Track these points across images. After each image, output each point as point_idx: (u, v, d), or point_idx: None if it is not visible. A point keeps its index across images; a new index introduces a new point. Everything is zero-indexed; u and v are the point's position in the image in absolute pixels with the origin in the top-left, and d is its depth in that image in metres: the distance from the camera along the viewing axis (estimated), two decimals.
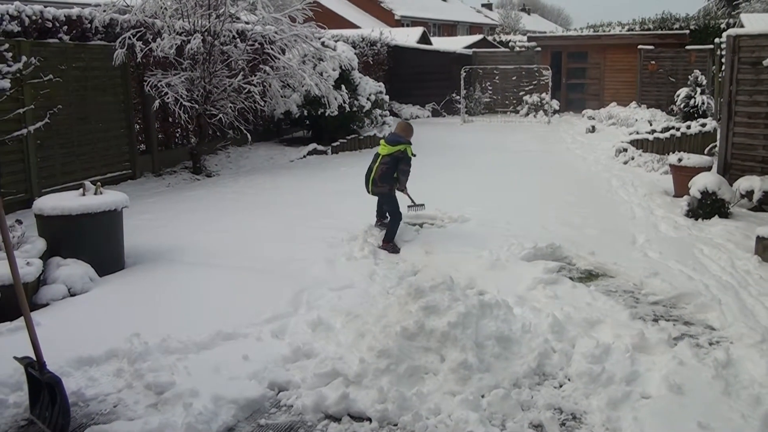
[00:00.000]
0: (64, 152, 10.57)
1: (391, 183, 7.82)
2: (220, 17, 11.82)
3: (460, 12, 62.95)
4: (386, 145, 7.80)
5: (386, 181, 7.78)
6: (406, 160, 7.76)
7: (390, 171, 7.76)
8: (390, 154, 7.75)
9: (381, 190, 7.82)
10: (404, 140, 7.81)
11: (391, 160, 7.74)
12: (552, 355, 4.73)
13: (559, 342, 4.93)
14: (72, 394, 4.45)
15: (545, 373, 4.60)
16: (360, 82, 16.47)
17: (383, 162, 7.76)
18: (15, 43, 9.60)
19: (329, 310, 5.58)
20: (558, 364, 4.66)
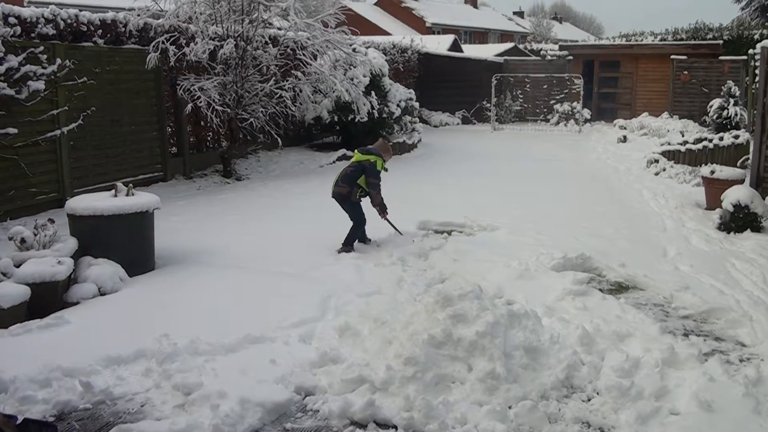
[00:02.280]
0: (97, 153, 10.72)
1: (352, 187, 7.76)
2: (253, 23, 11.91)
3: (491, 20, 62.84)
4: (358, 153, 7.86)
5: (347, 183, 7.76)
6: (373, 172, 7.72)
7: (353, 175, 7.76)
8: (359, 162, 7.80)
9: (341, 190, 7.78)
10: (376, 152, 7.85)
11: (358, 167, 7.78)
12: (581, 368, 4.68)
13: (588, 354, 4.87)
14: (100, 392, 4.52)
15: (573, 385, 4.55)
16: (390, 88, 16.50)
17: (350, 166, 7.86)
18: (50, 46, 9.76)
19: (357, 316, 5.57)
20: (587, 377, 4.61)
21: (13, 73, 9.07)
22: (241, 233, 8.58)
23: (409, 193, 10.59)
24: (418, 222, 8.96)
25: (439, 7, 57.12)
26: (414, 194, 10.91)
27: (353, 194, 7.79)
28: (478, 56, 26.78)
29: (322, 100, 14.87)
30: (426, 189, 11.67)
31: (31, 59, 9.37)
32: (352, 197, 7.80)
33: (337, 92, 13.27)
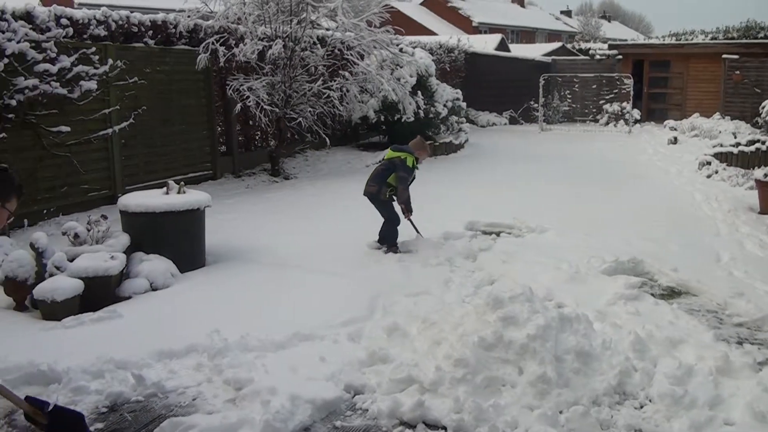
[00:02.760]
0: (148, 152, 10.92)
1: (381, 185, 7.75)
2: (301, 23, 12.00)
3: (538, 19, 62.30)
4: (390, 152, 7.85)
5: (376, 182, 7.76)
6: (402, 167, 7.66)
7: (384, 173, 7.75)
8: (390, 159, 7.78)
9: (371, 189, 7.80)
10: (408, 149, 7.80)
11: (388, 164, 7.76)
12: (633, 374, 4.58)
13: (640, 361, 4.77)
14: (152, 384, 4.60)
15: (626, 392, 4.46)
16: (437, 88, 16.45)
17: (380, 164, 7.89)
18: (102, 46, 9.97)
19: (405, 316, 5.57)
20: (639, 384, 4.52)
21: (66, 73, 9.27)
22: (289, 232, 8.65)
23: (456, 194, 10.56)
24: (465, 222, 8.91)
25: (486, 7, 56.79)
26: (461, 195, 10.86)
27: (382, 192, 7.77)
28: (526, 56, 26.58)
29: (369, 99, 14.90)
30: (473, 189, 11.60)
31: (83, 60, 9.57)
32: (381, 195, 7.79)
33: (383, 92, 13.29)
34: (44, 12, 9.36)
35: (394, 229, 7.81)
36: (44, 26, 9.24)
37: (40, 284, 5.93)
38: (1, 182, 3.50)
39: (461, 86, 20.68)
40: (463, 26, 49.88)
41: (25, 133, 8.93)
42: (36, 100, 8.90)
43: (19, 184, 3.64)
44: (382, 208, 7.86)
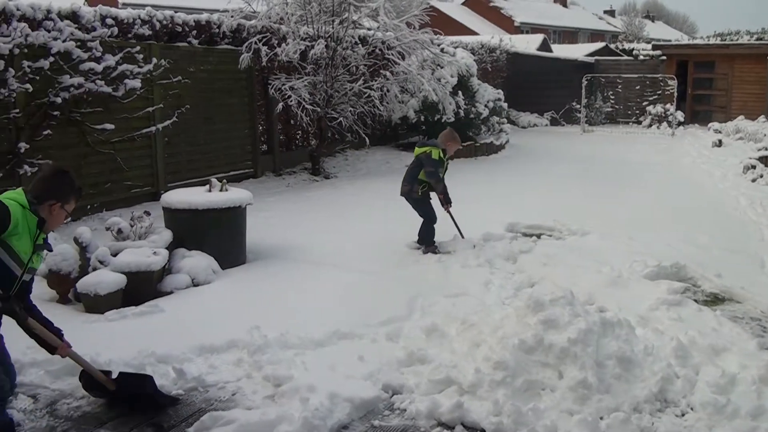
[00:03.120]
0: (190, 150, 11.06)
1: (413, 183, 7.77)
2: (343, 23, 12.04)
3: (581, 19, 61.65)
4: (416, 149, 7.86)
5: (408, 181, 7.80)
6: (429, 162, 7.63)
7: (413, 171, 7.78)
8: (417, 156, 7.79)
9: (404, 189, 7.85)
10: (432, 143, 7.79)
11: (416, 161, 7.78)
12: (675, 381, 4.50)
13: (682, 368, 4.67)
14: (193, 379, 4.66)
15: (667, 399, 4.38)
16: (478, 88, 16.38)
17: (412, 163, 7.91)
18: (146, 46, 10.14)
19: (444, 317, 5.55)
20: (681, 391, 4.43)
21: (111, 71, 9.44)
22: (329, 230, 8.69)
23: (496, 195, 10.51)
24: (506, 224, 8.85)
25: (528, 6, 56.38)
26: (501, 196, 10.80)
27: (414, 190, 7.79)
28: (568, 56, 26.30)
29: (409, 99, 14.89)
30: (514, 191, 11.53)
31: (128, 58, 9.74)
32: (414, 193, 7.80)
33: (424, 92, 13.27)
34: (90, 12, 9.54)
35: (431, 228, 7.79)
36: (90, 26, 9.42)
37: (84, 278, 6.06)
38: (64, 184, 3.66)
39: (503, 86, 20.57)
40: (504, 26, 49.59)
41: (70, 130, 9.12)
42: (81, 98, 9.08)
43: (79, 186, 3.75)
44: (418, 207, 7.86)
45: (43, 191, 3.63)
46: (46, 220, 3.65)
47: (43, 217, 3.64)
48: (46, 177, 3.70)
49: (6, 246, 3.51)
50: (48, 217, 3.66)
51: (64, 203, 3.72)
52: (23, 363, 4.79)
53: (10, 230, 3.47)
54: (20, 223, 3.50)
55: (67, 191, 3.72)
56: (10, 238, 3.50)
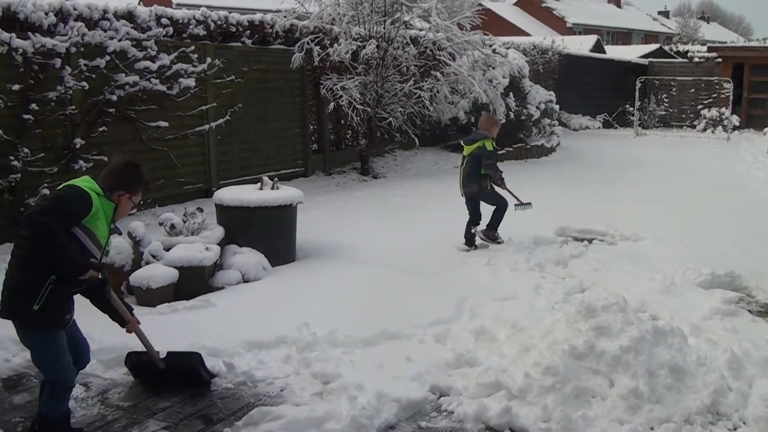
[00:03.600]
0: (242, 148, 11.20)
1: (479, 181, 7.73)
2: (395, 23, 12.05)
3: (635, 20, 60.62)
4: (465, 146, 7.80)
5: (473, 180, 7.73)
6: (486, 155, 7.61)
7: (475, 170, 7.70)
8: (471, 154, 7.71)
9: (471, 189, 7.79)
10: (481, 136, 7.72)
11: (472, 159, 7.70)
12: (728, 394, 4.38)
13: (735, 380, 4.55)
14: (242, 373, 4.74)
15: (719, 412, 4.27)
16: (530, 90, 16.25)
17: (467, 162, 7.77)
18: (200, 45, 10.30)
19: (492, 320, 5.51)
20: (733, 405, 4.31)
21: (165, 70, 9.62)
22: (377, 230, 8.71)
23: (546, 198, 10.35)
24: (556, 228, 8.76)
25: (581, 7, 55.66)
26: (552, 199, 10.65)
27: (483, 187, 7.76)
28: (622, 58, 25.88)
29: (459, 100, 14.83)
30: (565, 194, 11.38)
31: (182, 58, 9.91)
32: (484, 190, 7.78)
33: (474, 93, 13.19)
34: (145, 12, 9.75)
35: (502, 214, 7.83)
36: (145, 25, 9.62)
37: (137, 271, 6.19)
38: (134, 176, 3.82)
39: (554, 88, 20.36)
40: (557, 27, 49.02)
41: (125, 127, 9.32)
42: (136, 96, 9.28)
43: (147, 180, 3.93)
44: (489, 199, 7.84)
45: (114, 182, 3.78)
46: (122, 209, 3.84)
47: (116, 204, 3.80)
48: (116, 168, 3.83)
49: (87, 230, 3.67)
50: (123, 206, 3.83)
51: (132, 194, 3.86)
52: None
53: (92, 215, 3.63)
54: (99, 208, 3.66)
55: (136, 183, 3.87)
56: (92, 222, 3.66)
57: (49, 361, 3.71)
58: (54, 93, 8.31)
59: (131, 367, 4.69)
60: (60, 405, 3.77)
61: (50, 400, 3.73)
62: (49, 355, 3.69)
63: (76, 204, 3.57)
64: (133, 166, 3.89)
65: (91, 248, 3.71)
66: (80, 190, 3.61)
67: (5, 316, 3.68)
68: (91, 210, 3.62)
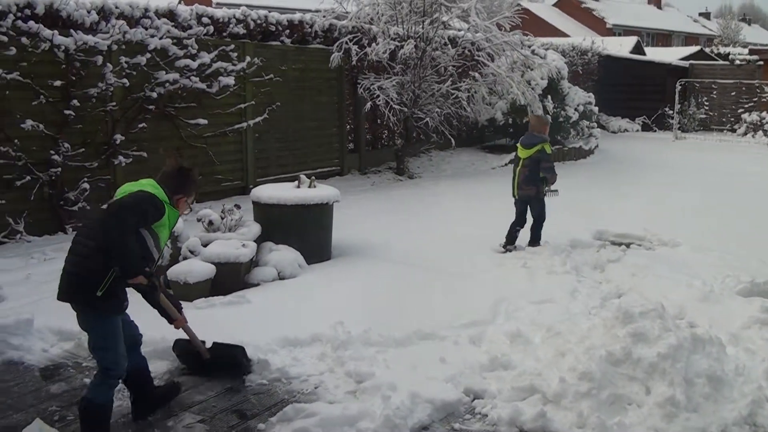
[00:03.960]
0: (280, 146, 11.29)
1: (538, 184, 7.71)
2: (433, 23, 12.04)
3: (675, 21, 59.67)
4: (523, 149, 7.75)
5: (532, 184, 7.71)
6: (546, 158, 7.64)
7: (533, 173, 7.67)
8: (529, 157, 7.68)
9: (528, 193, 7.75)
10: (540, 139, 7.69)
11: (531, 162, 7.66)
12: (765, 405, 4.29)
13: None
14: (276, 370, 4.78)
15: (756, 423, 4.18)
16: (568, 92, 16.11)
17: (525, 165, 7.71)
18: (240, 44, 10.42)
19: (528, 323, 5.48)
20: None
21: (205, 68, 9.76)
22: (412, 230, 8.72)
23: (584, 201, 10.30)
24: (594, 231, 8.67)
25: (621, 8, 54.97)
26: (589, 202, 10.57)
27: (541, 191, 7.76)
28: (662, 60, 25.48)
29: (497, 101, 14.76)
30: (602, 197, 11.26)
31: (222, 56, 10.04)
32: (540, 194, 7.77)
33: (512, 95, 13.12)
34: (186, 10, 9.89)
35: (540, 227, 7.87)
36: (186, 24, 9.76)
37: (175, 266, 6.28)
38: (189, 180, 4.02)
39: (593, 90, 20.15)
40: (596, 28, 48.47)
41: (164, 124, 9.47)
42: (176, 93, 9.43)
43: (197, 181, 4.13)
44: (537, 206, 7.84)
45: (172, 186, 3.97)
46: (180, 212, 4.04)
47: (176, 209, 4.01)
48: (172, 173, 4.01)
49: (154, 234, 3.89)
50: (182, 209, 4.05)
51: (188, 197, 4.08)
52: None
53: (161, 222, 3.88)
54: (167, 216, 3.90)
55: (191, 186, 4.08)
56: (159, 228, 3.90)
57: (107, 347, 3.83)
58: (95, 89, 8.49)
59: (179, 353, 4.86)
60: (106, 392, 3.87)
61: (98, 385, 3.84)
62: (108, 340, 3.82)
63: (154, 208, 3.81)
64: (187, 170, 4.06)
65: (152, 250, 3.90)
66: (157, 198, 3.83)
67: (66, 299, 3.81)
68: (162, 218, 3.86)
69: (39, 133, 8.02)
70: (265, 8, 12.37)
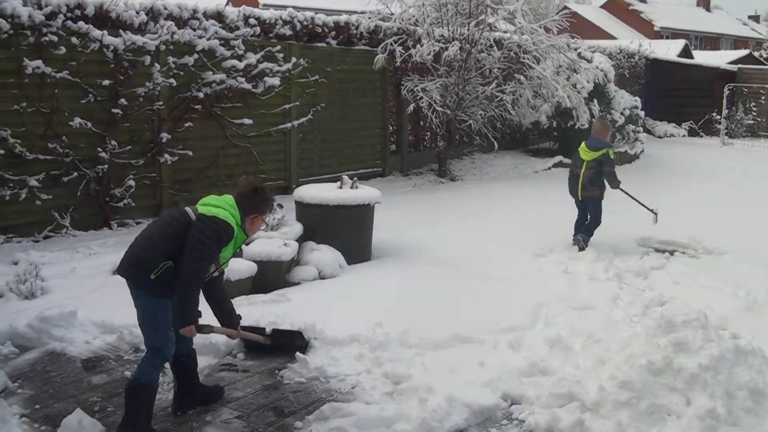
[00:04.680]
0: (323, 147, 11.37)
1: (600, 186, 7.98)
2: (479, 25, 12.00)
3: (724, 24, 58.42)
4: (589, 151, 7.97)
5: (596, 185, 7.96)
6: (608, 163, 7.92)
7: (597, 175, 7.93)
8: (594, 159, 7.91)
9: (592, 194, 7.99)
10: (605, 144, 8.00)
11: (597, 165, 7.91)
12: None
13: None
14: (315, 369, 4.82)
15: None
16: (615, 95, 15.91)
17: (589, 167, 7.94)
18: (286, 45, 10.52)
19: (568, 330, 5.44)
20: None
21: (251, 69, 9.89)
22: (453, 233, 8.71)
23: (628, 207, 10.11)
24: (638, 238, 8.58)
25: (669, 10, 54.07)
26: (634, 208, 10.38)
27: (602, 192, 8.04)
28: (710, 63, 24.99)
29: (542, 105, 14.65)
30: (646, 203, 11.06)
31: (268, 57, 10.16)
32: (601, 195, 8.04)
33: (557, 98, 13.01)
34: (234, 12, 10.01)
35: (596, 226, 8.11)
36: (233, 25, 9.89)
37: None
38: (263, 200, 4.21)
39: (640, 93, 19.88)
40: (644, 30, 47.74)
41: (210, 123, 9.61)
42: (222, 93, 9.57)
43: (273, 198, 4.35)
44: (596, 206, 8.10)
45: (247, 206, 4.12)
46: (247, 231, 4.19)
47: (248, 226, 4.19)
48: (247, 194, 4.16)
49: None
50: (249, 227, 4.19)
51: (263, 215, 4.26)
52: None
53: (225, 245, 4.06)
54: (235, 238, 4.08)
55: (266, 206, 4.26)
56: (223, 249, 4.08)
57: (155, 327, 3.99)
58: (143, 89, 8.67)
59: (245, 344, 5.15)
60: (152, 373, 3.99)
61: (145, 366, 3.98)
62: (156, 321, 3.98)
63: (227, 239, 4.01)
64: (261, 190, 4.20)
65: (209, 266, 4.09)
66: (230, 227, 4.00)
67: (123, 275, 4.03)
68: (229, 242, 4.05)
69: (87, 130, 8.22)
70: (311, 10, 12.46)
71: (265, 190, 4.23)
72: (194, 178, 9.45)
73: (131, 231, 8.55)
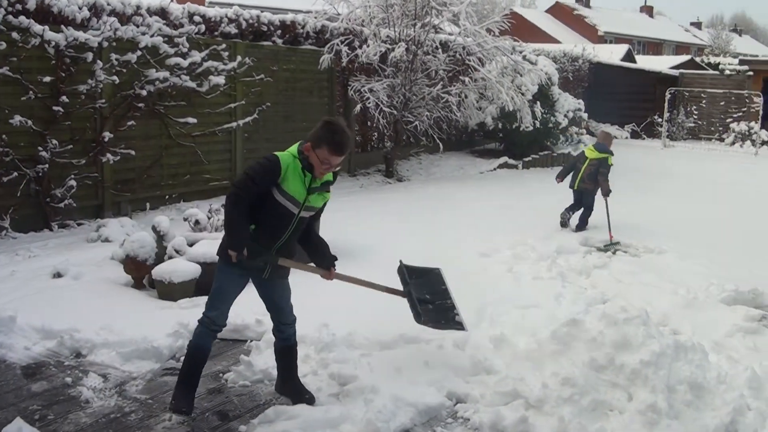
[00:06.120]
0: (269, 146, 11.18)
1: (596, 182, 9.24)
2: (425, 27, 12.05)
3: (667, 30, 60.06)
4: (595, 151, 9.38)
5: (594, 181, 9.27)
6: (606, 167, 9.28)
7: (595, 172, 9.24)
8: (598, 159, 9.27)
9: (588, 186, 9.34)
10: (609, 150, 9.39)
11: (597, 164, 9.25)
12: (747, 413, 4.28)
13: (755, 399, 4.45)
14: (260, 371, 4.74)
15: (738, 431, 4.20)
16: (558, 98, 16.16)
17: (591, 164, 9.31)
18: (231, 44, 10.41)
19: (512, 328, 5.47)
20: (752, 424, 4.21)
21: (196, 67, 9.73)
22: (400, 233, 8.70)
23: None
24: (580, 238, 8.72)
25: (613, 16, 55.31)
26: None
27: (596, 188, 9.28)
28: (652, 68, 25.61)
29: (487, 106, 14.77)
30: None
31: (213, 55, 10.02)
32: (595, 191, 9.31)
33: (502, 101, 13.14)
34: (178, 9, 9.85)
35: (589, 215, 9.44)
36: (177, 22, 9.73)
37: (160, 265, 6.23)
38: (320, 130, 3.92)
39: (583, 96, 20.23)
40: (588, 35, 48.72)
41: (153, 122, 9.44)
42: (165, 91, 9.40)
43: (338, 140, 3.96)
44: (589, 198, 9.42)
45: (313, 138, 3.94)
46: (314, 165, 3.96)
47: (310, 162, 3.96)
48: (317, 126, 3.97)
49: (281, 189, 3.95)
50: (315, 161, 3.95)
51: (314, 147, 3.93)
52: (95, 343, 5.01)
53: (282, 176, 3.91)
54: (289, 169, 3.92)
55: (319, 136, 3.93)
56: (284, 181, 3.93)
57: (213, 291, 4.15)
58: (85, 86, 8.45)
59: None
60: (199, 337, 4.14)
61: (196, 327, 4.17)
62: (216, 286, 4.15)
63: (262, 169, 3.90)
64: (326, 122, 3.98)
65: (286, 204, 3.99)
66: (270, 156, 3.95)
67: None
68: (280, 171, 3.89)
69: (27, 129, 7.98)
70: (257, 8, 12.36)
71: (336, 124, 3.98)
72: (137, 177, 9.26)
73: (72, 232, 8.34)
